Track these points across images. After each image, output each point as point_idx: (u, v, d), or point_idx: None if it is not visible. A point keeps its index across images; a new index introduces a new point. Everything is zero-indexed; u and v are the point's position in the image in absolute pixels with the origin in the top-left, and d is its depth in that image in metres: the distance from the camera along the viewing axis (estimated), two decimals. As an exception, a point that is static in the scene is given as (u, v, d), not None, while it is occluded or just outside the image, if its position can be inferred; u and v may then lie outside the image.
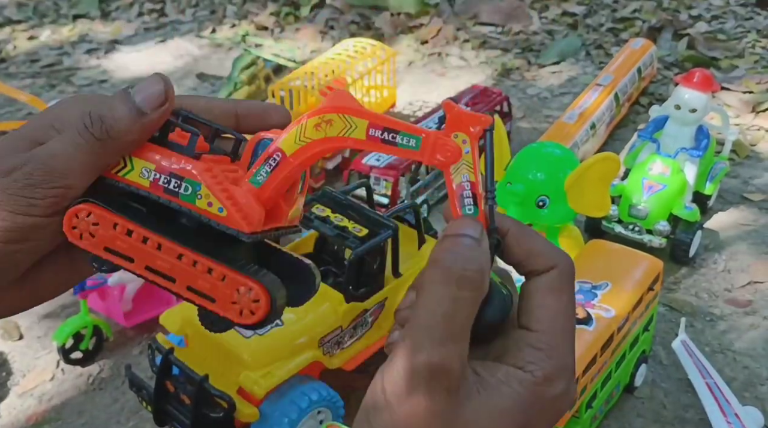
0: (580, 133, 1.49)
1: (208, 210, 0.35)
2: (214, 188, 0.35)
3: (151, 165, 0.36)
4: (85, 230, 0.36)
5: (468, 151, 0.35)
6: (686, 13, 2.29)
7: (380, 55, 1.71)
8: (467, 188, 0.35)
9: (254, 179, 0.36)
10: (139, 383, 0.94)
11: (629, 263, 1.02)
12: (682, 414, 1.03)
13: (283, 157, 0.35)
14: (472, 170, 0.35)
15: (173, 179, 0.35)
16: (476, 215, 0.35)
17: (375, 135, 0.35)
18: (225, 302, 0.35)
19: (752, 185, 1.51)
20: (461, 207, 0.35)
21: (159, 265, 0.36)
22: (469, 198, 0.35)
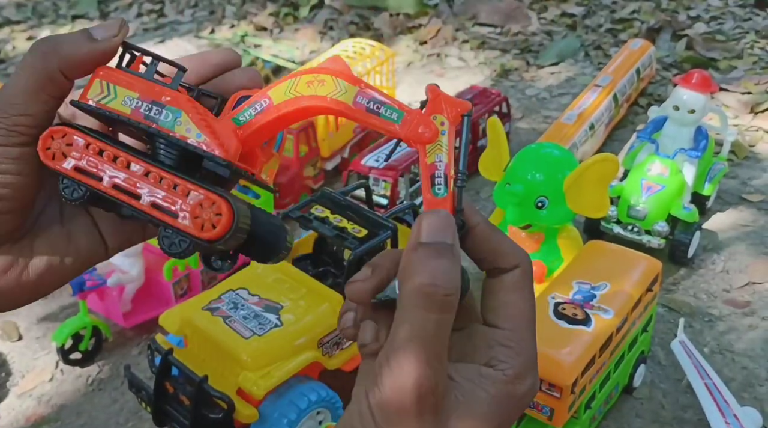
0: (578, 133, 1.49)
1: (186, 136, 0.37)
2: (194, 116, 0.37)
3: (134, 93, 0.37)
4: (58, 150, 0.37)
5: (445, 133, 0.36)
6: (685, 14, 2.29)
7: (379, 56, 1.71)
8: (440, 168, 0.36)
9: (236, 118, 0.38)
10: (138, 383, 0.94)
11: (628, 263, 1.02)
12: (680, 415, 1.03)
13: (270, 103, 0.37)
14: (447, 151, 0.36)
15: (154, 106, 0.37)
16: (445, 195, 0.36)
17: (361, 102, 0.36)
18: (187, 217, 0.36)
19: (751, 185, 1.51)
20: (432, 186, 0.36)
21: (126, 181, 0.37)
22: (440, 178, 0.36)
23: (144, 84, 0.38)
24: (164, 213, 0.36)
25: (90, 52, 0.37)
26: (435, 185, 0.36)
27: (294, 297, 0.94)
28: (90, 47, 0.37)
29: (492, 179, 1.18)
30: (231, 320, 0.90)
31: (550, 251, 1.17)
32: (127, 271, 1.15)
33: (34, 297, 0.41)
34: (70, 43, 0.37)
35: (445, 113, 0.36)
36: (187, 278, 1.21)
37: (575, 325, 0.91)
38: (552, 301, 0.95)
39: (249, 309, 0.92)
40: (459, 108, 0.36)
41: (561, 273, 1.04)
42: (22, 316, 1.28)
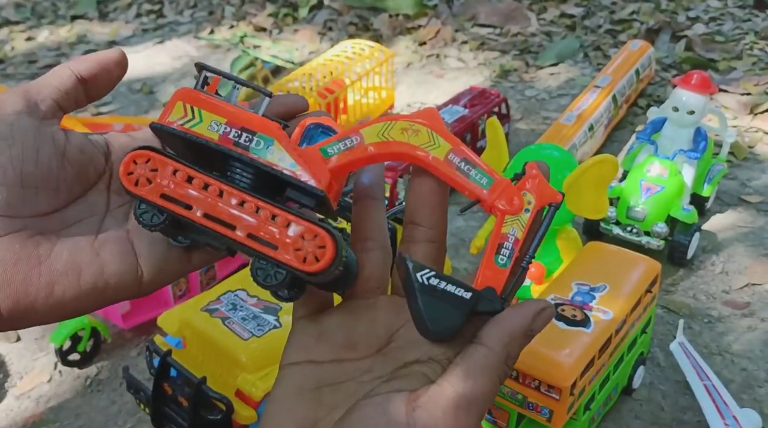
0: (578, 134, 1.49)
1: (279, 164, 0.36)
2: (286, 144, 0.36)
3: (221, 119, 0.36)
4: (142, 176, 0.35)
5: (528, 211, 0.36)
6: (684, 15, 2.29)
7: (378, 57, 1.71)
8: (511, 240, 0.36)
9: (325, 149, 0.37)
10: (136, 385, 0.94)
11: (627, 265, 1.02)
12: (680, 416, 1.03)
13: (360, 142, 0.36)
14: (524, 229, 0.36)
15: (244, 133, 0.36)
16: (506, 268, 0.36)
17: (453, 160, 0.36)
18: (288, 250, 0.35)
19: (750, 186, 1.51)
20: (496, 254, 0.36)
21: (219, 211, 0.35)
22: (507, 250, 0.36)
23: (231, 109, 0.36)
24: (263, 244, 0.35)
25: None
26: (500, 254, 0.36)
27: (293, 298, 0.94)
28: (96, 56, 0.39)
29: (491, 180, 1.18)
30: (230, 321, 0.90)
31: (549, 252, 1.17)
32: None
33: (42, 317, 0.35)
34: None
35: (535, 195, 0.36)
36: (186, 280, 1.21)
37: (574, 326, 0.91)
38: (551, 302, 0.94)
39: (248, 311, 0.92)
40: (550, 196, 0.36)
41: (560, 274, 1.04)
42: (20, 317, 1.28)
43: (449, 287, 0.35)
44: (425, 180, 0.37)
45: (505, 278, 0.36)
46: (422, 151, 0.36)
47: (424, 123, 0.36)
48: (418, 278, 0.35)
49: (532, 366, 0.87)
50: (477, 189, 0.36)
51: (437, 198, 0.38)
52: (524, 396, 0.88)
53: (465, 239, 1.38)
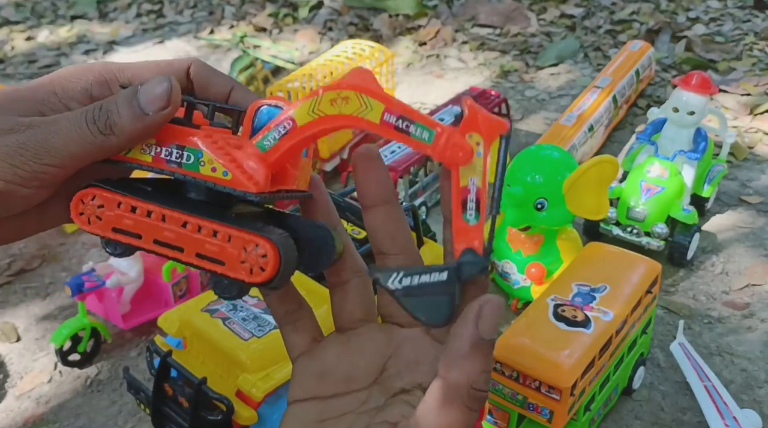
0: (578, 135, 1.49)
1: (213, 175, 0.35)
2: (215, 152, 0.35)
3: (151, 140, 0.36)
4: (92, 214, 0.36)
5: (480, 154, 0.33)
6: (684, 16, 2.29)
7: (378, 57, 1.71)
8: (473, 192, 0.33)
9: (261, 143, 0.36)
10: (137, 385, 0.94)
11: (627, 265, 1.02)
12: (680, 417, 1.03)
13: (293, 126, 0.35)
14: (481, 175, 0.33)
15: (174, 150, 0.36)
16: (476, 223, 0.33)
17: (389, 121, 0.34)
18: (234, 263, 0.35)
19: (750, 187, 1.51)
20: (463, 212, 0.33)
21: (166, 236, 0.36)
22: (472, 203, 0.33)
23: (164, 129, 0.36)
24: (211, 262, 0.35)
25: (144, 128, 0.35)
26: (467, 211, 0.33)
27: (293, 299, 0.94)
28: (143, 124, 0.35)
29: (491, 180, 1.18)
30: (230, 321, 0.90)
31: (549, 252, 1.17)
32: (126, 272, 1.15)
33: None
34: (125, 121, 0.35)
35: (481, 132, 0.33)
36: (186, 280, 1.21)
37: (575, 327, 0.91)
38: (551, 303, 0.95)
39: (248, 311, 0.92)
40: (497, 127, 0.33)
41: (560, 275, 1.04)
42: (20, 317, 1.28)
43: (424, 278, 0.33)
44: (375, 214, 0.38)
45: (480, 233, 0.33)
46: (356, 118, 0.34)
47: (352, 87, 0.34)
48: (391, 285, 0.34)
49: (533, 367, 0.87)
50: (420, 145, 0.33)
51: (393, 225, 0.38)
52: (525, 396, 0.88)
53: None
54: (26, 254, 1.42)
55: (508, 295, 1.24)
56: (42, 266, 1.40)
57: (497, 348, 0.90)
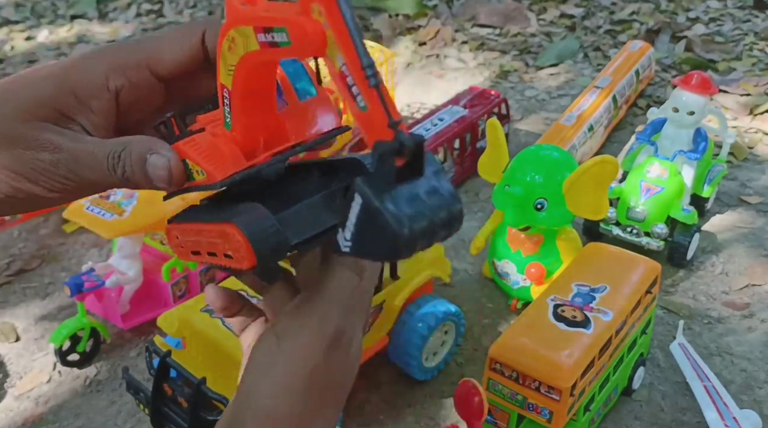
0: (578, 135, 1.49)
1: (201, 179, 0.37)
2: (193, 157, 0.36)
3: (195, 166, 0.37)
4: (177, 246, 0.40)
5: (327, 26, 0.29)
6: (684, 16, 2.29)
7: (378, 57, 1.71)
8: (347, 73, 0.29)
9: (226, 123, 0.36)
10: (136, 385, 0.94)
11: (627, 266, 1.02)
12: (679, 417, 1.03)
13: (229, 92, 0.35)
14: (342, 48, 0.29)
15: (186, 166, 0.37)
16: (366, 111, 0.29)
17: (264, 40, 0.31)
18: (220, 256, 0.36)
19: (750, 187, 1.51)
20: (353, 101, 0.29)
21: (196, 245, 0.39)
22: (355, 88, 0.29)
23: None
24: (213, 257, 0.37)
25: (152, 187, 0.38)
26: (355, 99, 0.29)
27: (293, 299, 0.94)
28: (151, 185, 0.38)
29: (491, 180, 1.18)
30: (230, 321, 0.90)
31: (549, 253, 1.17)
32: (126, 272, 1.15)
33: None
34: (137, 178, 0.38)
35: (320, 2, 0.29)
36: (186, 280, 1.20)
37: (574, 327, 0.91)
38: (551, 303, 0.95)
39: (247, 311, 0.92)
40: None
41: (560, 275, 1.04)
42: (19, 317, 1.28)
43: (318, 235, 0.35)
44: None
45: (380, 114, 0.29)
46: (248, 57, 0.33)
47: (229, 26, 0.33)
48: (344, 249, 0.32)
49: (532, 367, 0.87)
50: (290, 52, 0.31)
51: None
52: (524, 397, 0.88)
53: (465, 239, 1.38)
54: (26, 254, 1.42)
55: (508, 295, 1.24)
56: (41, 266, 1.40)
57: (497, 348, 0.90)
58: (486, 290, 1.27)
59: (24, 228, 1.48)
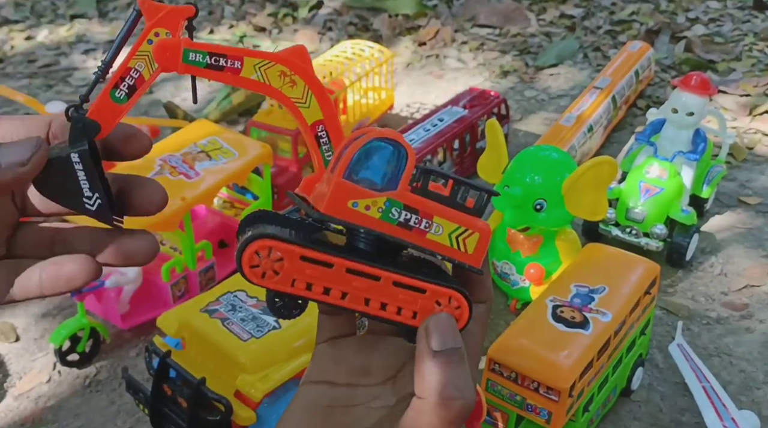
0: (577, 136, 1.49)
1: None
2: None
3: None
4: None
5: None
6: (683, 16, 2.29)
7: (378, 57, 1.71)
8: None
9: (326, 162, 0.37)
10: (135, 385, 0.94)
11: (626, 266, 1.02)
12: (678, 418, 1.03)
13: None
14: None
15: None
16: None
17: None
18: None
19: (749, 188, 1.52)
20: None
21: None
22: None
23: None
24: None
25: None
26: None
27: (292, 299, 0.94)
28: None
29: (491, 181, 1.18)
30: (229, 322, 0.90)
31: (548, 253, 1.17)
32: (125, 273, 1.15)
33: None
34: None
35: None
36: (185, 280, 1.21)
37: (573, 328, 0.91)
38: (550, 304, 0.95)
39: (247, 311, 0.92)
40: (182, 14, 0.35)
41: (559, 276, 1.04)
42: (19, 317, 1.28)
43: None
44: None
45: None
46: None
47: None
48: None
49: (531, 368, 0.87)
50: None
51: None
52: (523, 397, 0.88)
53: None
54: (25, 253, 1.42)
55: (507, 295, 1.24)
56: (41, 266, 1.40)
57: (496, 348, 0.90)
58: (485, 290, 1.27)
59: (24, 228, 1.48)
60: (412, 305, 0.35)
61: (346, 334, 0.40)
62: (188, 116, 1.74)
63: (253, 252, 0.34)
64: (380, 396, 0.37)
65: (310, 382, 0.39)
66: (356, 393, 0.38)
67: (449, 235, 0.35)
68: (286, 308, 0.35)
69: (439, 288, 0.35)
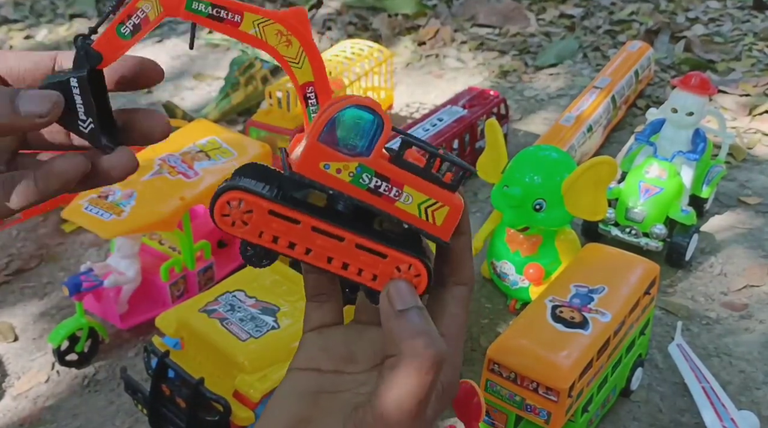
0: (577, 136, 1.49)
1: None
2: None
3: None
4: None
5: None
6: (683, 16, 2.29)
7: (377, 57, 1.71)
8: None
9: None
10: (134, 385, 0.94)
11: (626, 266, 1.02)
12: (677, 418, 1.03)
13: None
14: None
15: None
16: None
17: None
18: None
19: (748, 188, 1.51)
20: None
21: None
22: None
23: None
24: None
25: (8, 124, 0.35)
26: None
27: (291, 299, 0.94)
28: (10, 119, 0.35)
29: (490, 181, 1.18)
30: (228, 322, 0.90)
31: (547, 253, 1.17)
32: (124, 272, 1.15)
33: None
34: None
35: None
36: (184, 280, 1.20)
37: (573, 328, 0.91)
38: (549, 304, 0.95)
39: (246, 311, 0.92)
40: None
41: (559, 276, 1.04)
42: (18, 317, 1.28)
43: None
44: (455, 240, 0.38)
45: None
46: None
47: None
48: None
49: (530, 368, 0.87)
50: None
51: (466, 254, 0.39)
52: (522, 398, 0.88)
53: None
54: (24, 253, 1.42)
55: (507, 295, 1.24)
56: (40, 266, 1.40)
57: (495, 349, 0.90)
58: (484, 290, 1.27)
59: (23, 228, 1.48)
60: (373, 268, 0.37)
61: (333, 323, 0.41)
62: (187, 115, 1.74)
63: (224, 202, 0.36)
64: (366, 383, 0.38)
65: (297, 369, 0.40)
66: (343, 380, 0.39)
67: (418, 205, 0.36)
68: (256, 257, 0.37)
69: (400, 255, 0.36)
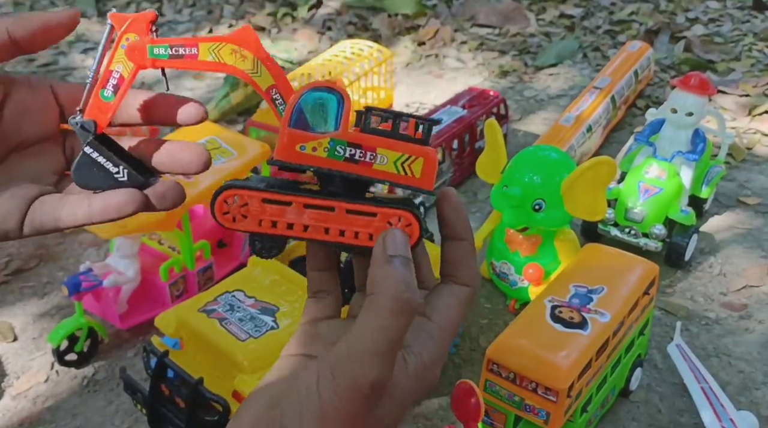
0: (576, 136, 1.49)
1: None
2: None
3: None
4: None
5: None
6: (683, 16, 2.29)
7: (377, 57, 1.71)
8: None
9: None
10: (133, 385, 0.94)
11: (625, 267, 1.02)
12: (677, 419, 1.03)
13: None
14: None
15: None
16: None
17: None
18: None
19: (748, 188, 1.51)
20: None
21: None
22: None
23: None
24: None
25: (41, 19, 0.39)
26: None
27: (290, 299, 0.94)
28: (42, 16, 0.39)
29: (489, 181, 1.18)
30: (227, 322, 0.90)
31: (547, 253, 1.17)
32: (124, 272, 1.15)
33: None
34: (24, 14, 0.39)
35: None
36: (184, 280, 1.20)
37: (572, 328, 0.91)
38: (549, 304, 0.95)
39: (245, 311, 0.92)
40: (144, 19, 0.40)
41: (558, 276, 1.04)
42: (17, 317, 1.28)
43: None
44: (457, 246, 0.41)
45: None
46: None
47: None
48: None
49: (529, 368, 0.87)
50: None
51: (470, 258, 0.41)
52: (521, 398, 0.88)
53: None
54: (24, 253, 1.42)
55: (506, 295, 1.24)
56: (39, 266, 1.40)
57: (494, 349, 0.90)
58: (484, 290, 1.27)
59: (22, 227, 1.47)
60: (367, 228, 0.39)
61: (329, 317, 0.43)
62: (187, 115, 1.74)
63: (222, 201, 0.39)
64: None
65: (287, 355, 0.42)
66: None
67: (394, 163, 0.39)
68: (265, 249, 0.41)
69: (388, 210, 0.39)
